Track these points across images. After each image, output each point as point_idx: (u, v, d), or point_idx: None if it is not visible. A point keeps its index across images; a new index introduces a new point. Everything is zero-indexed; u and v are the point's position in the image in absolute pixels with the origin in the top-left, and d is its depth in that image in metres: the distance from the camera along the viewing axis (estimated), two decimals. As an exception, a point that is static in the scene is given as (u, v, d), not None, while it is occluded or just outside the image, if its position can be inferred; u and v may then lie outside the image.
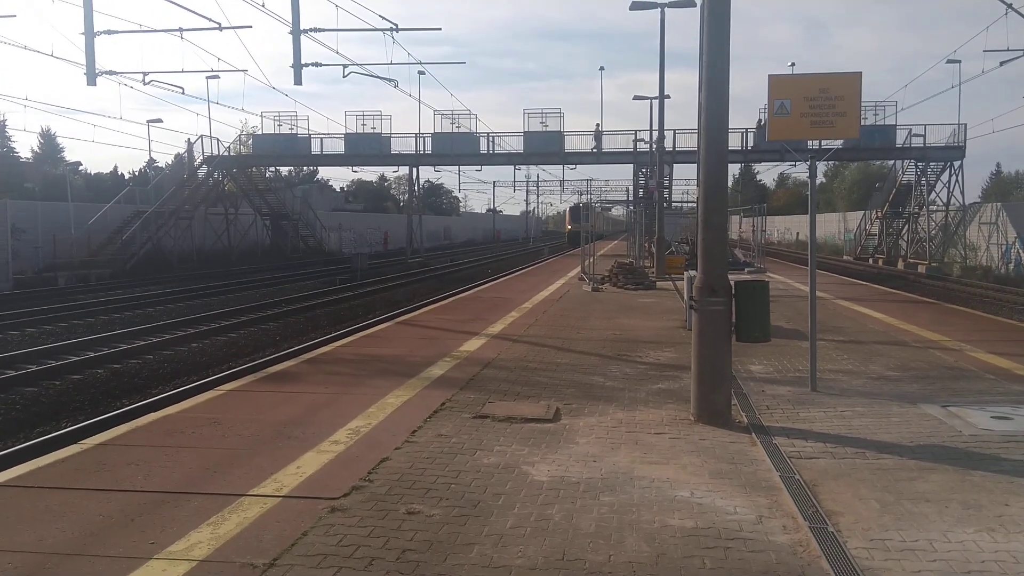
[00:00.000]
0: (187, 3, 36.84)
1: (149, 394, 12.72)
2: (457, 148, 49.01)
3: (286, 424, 7.61)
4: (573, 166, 55.08)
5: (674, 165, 45.05)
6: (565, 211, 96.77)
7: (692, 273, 12.55)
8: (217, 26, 21.93)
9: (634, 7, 26.59)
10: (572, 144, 48.71)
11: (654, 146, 34.25)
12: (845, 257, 57.69)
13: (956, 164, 46.13)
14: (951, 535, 5.05)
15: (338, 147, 49.52)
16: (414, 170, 53.75)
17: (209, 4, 75.65)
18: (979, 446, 6.94)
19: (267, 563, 4.57)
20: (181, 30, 22.43)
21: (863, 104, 10.17)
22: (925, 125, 45.44)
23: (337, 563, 4.59)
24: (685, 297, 14.66)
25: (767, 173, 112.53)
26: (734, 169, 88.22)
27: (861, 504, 5.60)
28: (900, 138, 45.22)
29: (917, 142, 45.18)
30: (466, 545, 4.85)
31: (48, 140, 75.08)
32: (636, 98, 60.22)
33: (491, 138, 49.69)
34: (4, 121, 71.42)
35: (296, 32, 22.82)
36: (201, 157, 48.87)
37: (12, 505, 5.48)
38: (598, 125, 45.64)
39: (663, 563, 4.64)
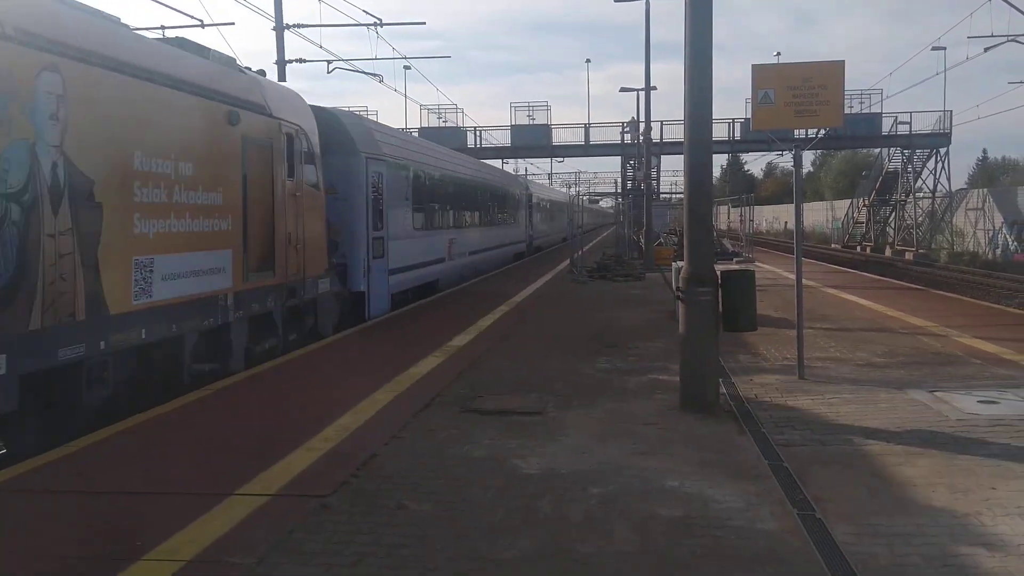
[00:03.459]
0: (169, 1, 36.62)
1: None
2: (444, 143, 48.74)
3: (274, 422, 7.58)
4: (561, 159, 55.12)
5: (662, 156, 45.12)
6: None
7: (680, 264, 12.58)
8: (199, 23, 21.71)
9: (619, -1, 26.56)
10: (560, 137, 48.73)
11: (641, 138, 34.26)
12: (833, 245, 57.96)
13: (942, 151, 46.42)
14: (939, 519, 5.07)
15: (324, 143, 49.24)
16: (401, 165, 53.52)
17: (191, 1, 75.38)
18: (966, 430, 6.98)
19: (255, 561, 4.55)
20: (163, 28, 22.20)
21: (848, 93, 10.20)
22: (911, 112, 45.73)
23: (326, 560, 4.58)
24: (674, 288, 14.69)
25: (755, 163, 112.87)
26: (721, 159, 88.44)
27: (849, 490, 5.62)
28: (886, 126, 45.41)
29: (903, 130, 45.39)
30: (456, 538, 4.85)
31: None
32: (623, 90, 59.69)
33: (478, 132, 49.64)
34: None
35: (280, 28, 22.66)
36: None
37: (1, 510, 5.45)
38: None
39: (652, 552, 4.65)
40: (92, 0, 8.27)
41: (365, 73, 25.17)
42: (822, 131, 10.75)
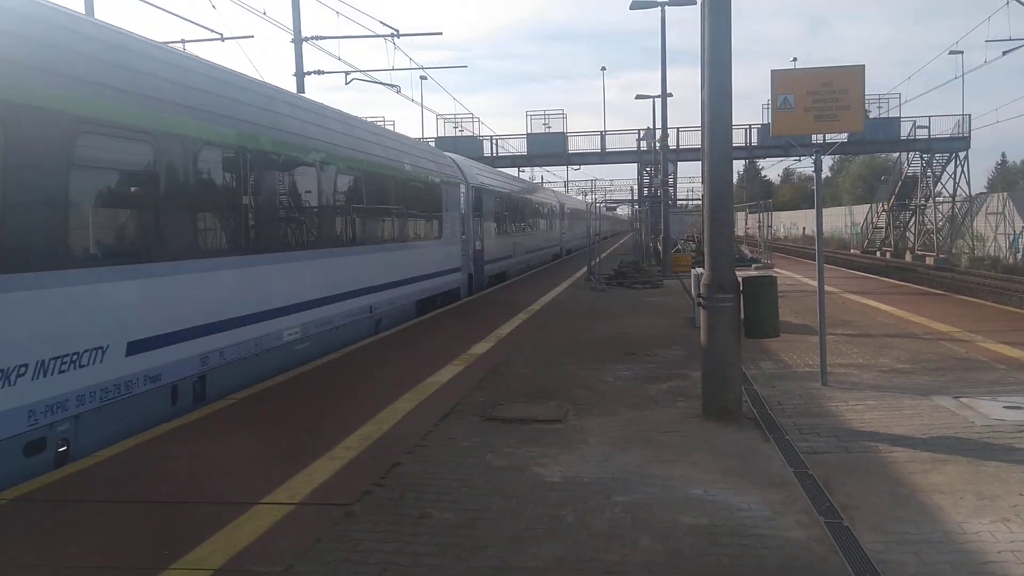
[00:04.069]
0: (189, 15, 37.05)
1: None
2: (461, 152, 48.96)
3: (297, 431, 7.61)
4: (577, 167, 55.14)
5: (678, 163, 45.07)
6: None
7: (699, 271, 12.53)
8: (219, 37, 21.96)
9: (634, 6, 26.57)
10: (576, 145, 48.75)
11: (658, 144, 34.24)
12: (852, 251, 57.59)
13: (961, 155, 46.08)
14: (967, 526, 5.03)
15: (342, 154, 49.33)
16: (418, 175, 53.56)
17: (211, 15, 76.08)
18: (992, 436, 6.91)
19: (282, 570, 4.57)
20: (183, 42, 22.45)
21: (866, 97, 10.16)
22: (929, 116, 45.28)
23: (352, 569, 4.59)
24: (692, 295, 14.64)
25: (772, 169, 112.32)
26: (738, 165, 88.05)
27: (875, 498, 5.58)
28: (904, 130, 45.11)
29: (922, 134, 45.07)
30: (480, 548, 4.85)
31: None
32: (639, 97, 60.40)
33: (495, 141, 49.73)
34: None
35: (298, 40, 22.84)
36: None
37: (24, 520, 5.49)
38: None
39: (678, 562, 4.63)
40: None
41: (383, 84, 25.31)
42: (843, 136, 10.71)
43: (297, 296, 11.28)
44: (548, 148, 48.25)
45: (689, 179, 77.74)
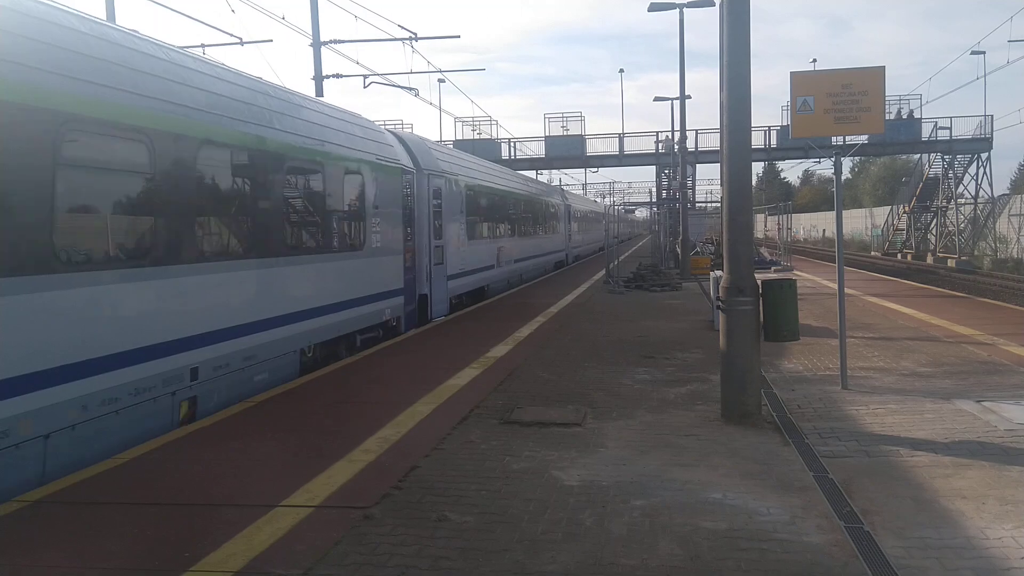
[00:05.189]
0: (209, 19, 37.34)
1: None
2: (479, 154, 49.07)
3: (316, 434, 7.64)
4: (595, 169, 55.05)
5: (697, 165, 44.86)
6: None
7: (718, 273, 12.49)
8: (238, 41, 22.09)
9: (653, 8, 26.57)
10: (594, 147, 48.69)
11: (676, 147, 34.14)
12: (873, 253, 57.17)
13: (983, 156, 45.62)
14: (989, 532, 4.98)
15: (360, 157, 49.50)
16: (436, 178, 53.63)
17: (231, 20, 76.52)
18: (1015, 441, 6.84)
19: (301, 573, 4.59)
20: (203, 46, 22.60)
21: (887, 98, 10.10)
22: (951, 117, 44.91)
23: (370, 572, 4.61)
24: (711, 297, 14.59)
25: (791, 171, 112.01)
26: (757, 167, 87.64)
27: (896, 502, 5.53)
28: (926, 131, 44.73)
29: (943, 135, 44.69)
30: (498, 552, 4.85)
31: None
32: (657, 99, 59.79)
33: (512, 144, 49.76)
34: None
35: (316, 44, 22.94)
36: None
37: (49, 522, 5.55)
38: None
39: (697, 566, 4.61)
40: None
41: (401, 87, 25.33)
42: (863, 138, 10.64)
43: None
44: (566, 150, 48.25)
45: (708, 181, 77.65)
